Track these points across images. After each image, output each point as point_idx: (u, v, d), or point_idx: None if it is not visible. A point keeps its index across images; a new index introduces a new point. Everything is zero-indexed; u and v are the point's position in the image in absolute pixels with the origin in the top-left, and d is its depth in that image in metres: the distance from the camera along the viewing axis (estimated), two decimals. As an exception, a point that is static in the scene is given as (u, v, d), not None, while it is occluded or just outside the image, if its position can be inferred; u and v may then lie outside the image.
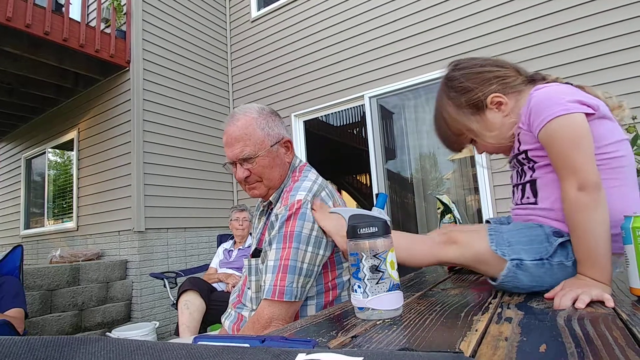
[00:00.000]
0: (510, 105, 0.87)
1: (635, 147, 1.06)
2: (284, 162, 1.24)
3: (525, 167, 0.86)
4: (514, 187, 0.92)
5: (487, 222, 1.02)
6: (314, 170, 1.28)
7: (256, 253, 1.22)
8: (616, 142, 0.77)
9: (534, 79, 0.89)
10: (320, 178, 1.24)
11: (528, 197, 0.85)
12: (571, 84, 0.84)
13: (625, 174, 0.77)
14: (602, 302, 0.63)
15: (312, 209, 1.08)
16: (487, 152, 0.95)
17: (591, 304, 0.63)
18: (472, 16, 3.68)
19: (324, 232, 1.09)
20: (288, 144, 1.26)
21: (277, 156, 1.21)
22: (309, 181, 1.18)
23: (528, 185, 0.85)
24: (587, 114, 0.74)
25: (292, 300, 1.03)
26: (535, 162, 0.83)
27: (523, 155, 0.85)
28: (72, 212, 4.97)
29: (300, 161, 1.31)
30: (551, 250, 0.74)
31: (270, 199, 1.23)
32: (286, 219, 1.08)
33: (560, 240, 0.74)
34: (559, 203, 0.77)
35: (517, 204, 0.90)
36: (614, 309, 0.60)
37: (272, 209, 1.23)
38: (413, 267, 0.91)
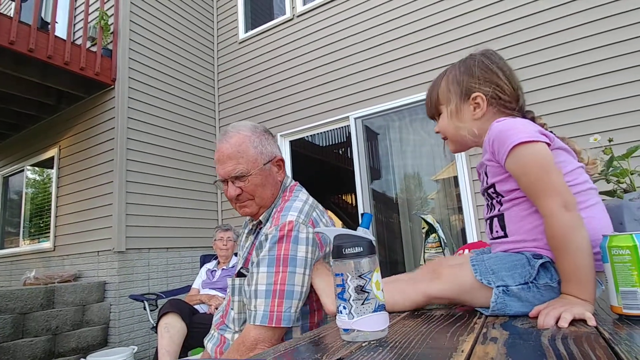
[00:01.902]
0: (484, 115, 0.89)
1: (611, 169, 1.10)
2: (275, 181, 1.23)
3: (494, 201, 0.87)
4: (485, 220, 0.93)
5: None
6: (304, 190, 1.27)
7: (241, 273, 1.19)
8: (572, 170, 0.80)
9: (524, 116, 0.90)
10: (311, 198, 1.23)
11: (497, 231, 0.86)
12: (552, 133, 0.86)
13: (589, 196, 0.79)
14: (584, 321, 0.63)
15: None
16: (442, 135, 0.99)
17: (574, 322, 0.63)
18: (456, 41, 3.80)
19: (316, 250, 1.08)
20: (280, 163, 1.25)
21: (270, 175, 1.20)
22: (300, 201, 1.16)
23: (496, 219, 0.86)
24: (547, 144, 0.77)
25: (289, 325, 1.01)
26: (502, 197, 0.84)
27: (492, 189, 0.86)
28: (49, 232, 4.81)
29: (291, 181, 1.31)
30: (534, 273, 0.74)
31: (260, 218, 1.21)
32: (277, 241, 1.05)
33: (541, 261, 0.75)
34: (531, 234, 0.79)
35: (490, 239, 0.91)
36: (596, 327, 0.61)
37: (260, 228, 1.22)
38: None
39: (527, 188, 0.77)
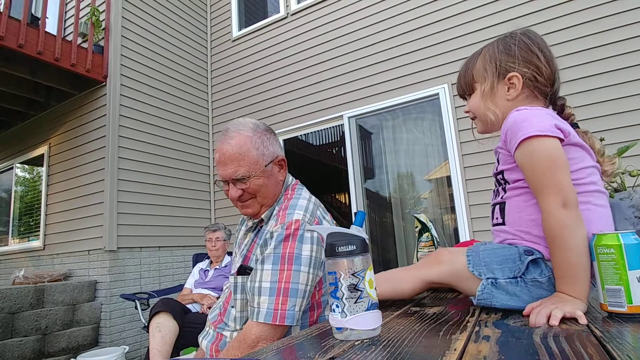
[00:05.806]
0: (518, 96, 0.87)
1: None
2: (277, 181, 1.21)
3: (500, 188, 0.88)
4: (490, 206, 0.94)
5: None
6: (306, 189, 1.26)
7: (242, 270, 1.17)
8: (581, 169, 0.79)
9: (555, 102, 0.90)
10: (314, 197, 1.22)
11: (497, 218, 0.87)
12: (576, 124, 0.86)
13: (590, 198, 0.78)
14: (576, 319, 0.64)
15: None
16: (470, 114, 0.97)
17: (565, 320, 0.64)
18: (451, 41, 3.82)
19: (321, 249, 1.07)
20: (282, 163, 1.24)
21: (271, 175, 1.19)
22: (304, 199, 1.16)
23: (497, 206, 0.87)
24: (560, 139, 0.76)
25: (293, 324, 1.00)
26: (508, 184, 0.85)
27: (501, 176, 0.87)
28: (39, 231, 4.75)
29: (293, 179, 1.30)
30: (523, 269, 0.75)
31: (262, 216, 1.20)
32: (283, 239, 1.04)
33: (531, 258, 0.76)
34: (526, 226, 0.79)
35: (492, 225, 0.92)
36: (587, 325, 0.61)
37: (262, 226, 1.21)
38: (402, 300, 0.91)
39: (531, 182, 0.77)
